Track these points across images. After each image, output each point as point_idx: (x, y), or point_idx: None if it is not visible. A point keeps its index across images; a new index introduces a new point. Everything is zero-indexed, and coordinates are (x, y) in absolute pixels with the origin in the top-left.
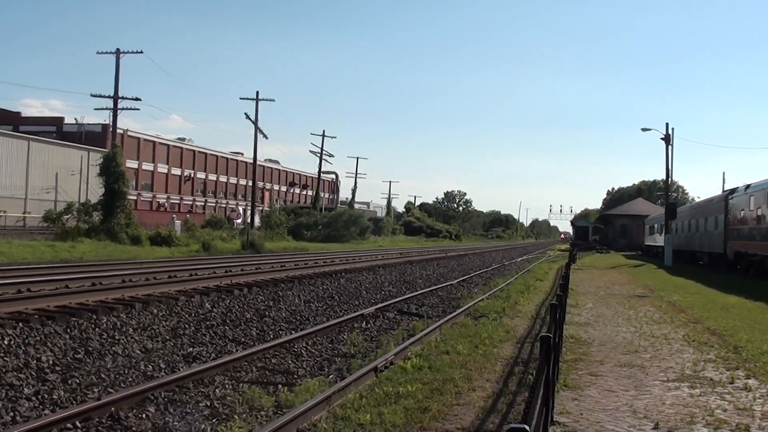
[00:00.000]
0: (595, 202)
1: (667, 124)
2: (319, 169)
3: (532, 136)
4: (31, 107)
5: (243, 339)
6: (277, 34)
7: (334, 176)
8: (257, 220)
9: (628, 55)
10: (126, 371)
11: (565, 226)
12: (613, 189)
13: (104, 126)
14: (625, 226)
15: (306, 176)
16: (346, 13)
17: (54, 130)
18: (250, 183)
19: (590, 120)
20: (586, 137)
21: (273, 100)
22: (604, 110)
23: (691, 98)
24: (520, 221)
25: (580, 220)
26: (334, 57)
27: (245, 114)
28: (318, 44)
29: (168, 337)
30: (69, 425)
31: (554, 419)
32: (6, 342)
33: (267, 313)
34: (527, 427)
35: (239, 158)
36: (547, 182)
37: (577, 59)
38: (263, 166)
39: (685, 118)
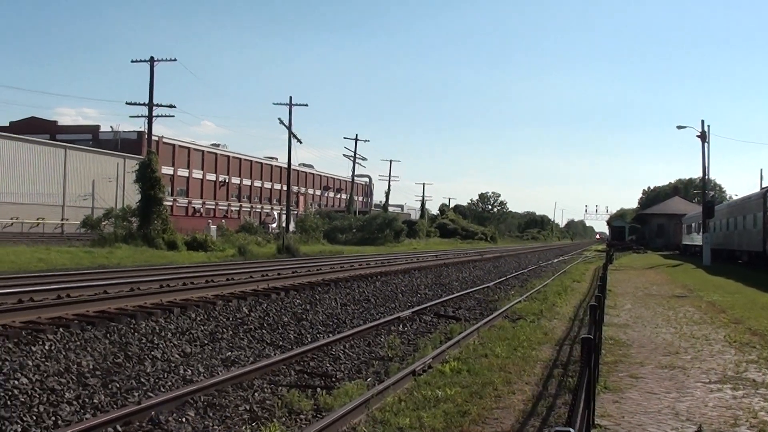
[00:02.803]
0: (631, 202)
1: (702, 122)
2: (353, 172)
3: (566, 135)
4: (66, 116)
5: (281, 342)
6: (308, 38)
7: (367, 179)
8: (292, 225)
9: (663, 50)
10: (165, 375)
11: (601, 227)
12: (649, 188)
13: (139, 133)
14: (662, 226)
15: (340, 180)
16: (377, 16)
17: (90, 138)
18: (285, 187)
19: (625, 118)
20: (621, 135)
21: (306, 105)
22: (640, 108)
23: (727, 93)
24: (556, 222)
25: (616, 220)
26: (365, 60)
27: (279, 119)
28: (350, 48)
29: (206, 342)
30: (110, 429)
31: (595, 422)
32: (47, 347)
33: (304, 316)
34: (572, 431)
35: (273, 163)
36: (583, 182)
37: (612, 56)
38: (297, 171)
39: (722, 114)
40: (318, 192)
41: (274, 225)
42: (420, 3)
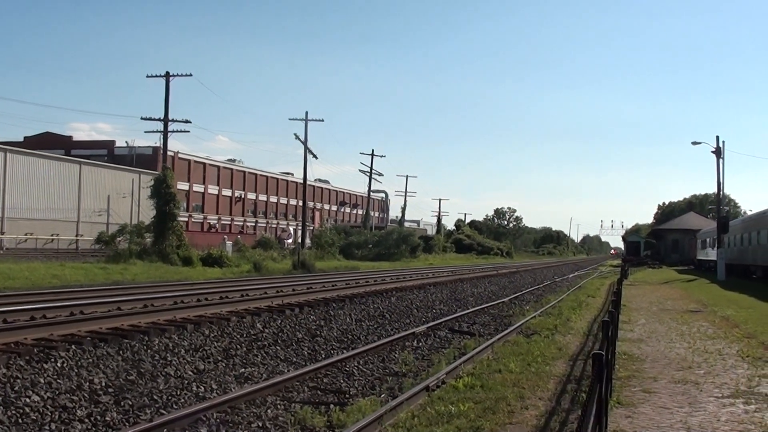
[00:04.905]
0: (646, 217)
1: (717, 137)
2: (369, 188)
3: (582, 150)
4: (80, 131)
5: (295, 359)
6: (325, 54)
7: (383, 195)
8: (308, 240)
9: (680, 66)
10: (178, 392)
11: (617, 242)
12: (664, 203)
13: (155, 149)
14: (677, 241)
15: (356, 195)
16: (393, 33)
17: (105, 153)
18: (301, 203)
19: (641, 133)
20: (637, 151)
21: (322, 120)
22: (656, 123)
23: (742, 109)
24: (571, 237)
25: (632, 235)
26: (382, 76)
27: (294, 134)
28: (365, 63)
29: (220, 358)
30: None
31: None
32: (59, 364)
33: (318, 332)
34: None
35: (289, 178)
36: (599, 197)
37: (629, 71)
38: (313, 186)
39: (737, 129)
40: (334, 207)
41: (290, 240)
42: (437, 20)
